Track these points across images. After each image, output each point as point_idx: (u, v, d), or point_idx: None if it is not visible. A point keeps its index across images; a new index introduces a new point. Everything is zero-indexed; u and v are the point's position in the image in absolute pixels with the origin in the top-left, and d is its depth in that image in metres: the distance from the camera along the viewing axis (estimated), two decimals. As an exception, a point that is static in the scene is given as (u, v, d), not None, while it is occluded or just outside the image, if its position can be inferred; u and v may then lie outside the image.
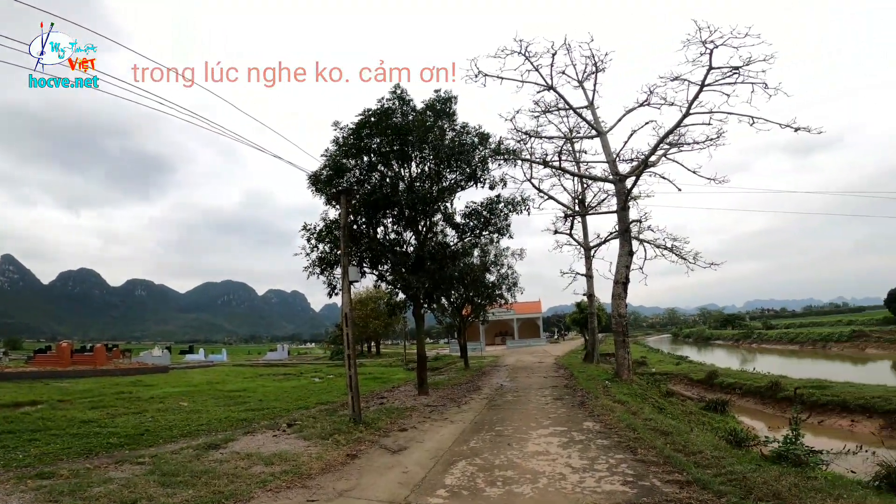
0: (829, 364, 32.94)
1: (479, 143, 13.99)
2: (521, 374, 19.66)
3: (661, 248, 21.39)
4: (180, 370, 30.44)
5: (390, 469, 6.16)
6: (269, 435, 8.46)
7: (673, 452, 5.67)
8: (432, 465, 6.17)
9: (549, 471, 5.52)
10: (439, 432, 8.31)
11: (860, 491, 4.23)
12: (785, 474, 4.54)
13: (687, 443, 6.20)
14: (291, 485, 5.49)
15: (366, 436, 8.04)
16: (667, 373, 25.71)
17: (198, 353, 50.28)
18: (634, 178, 16.73)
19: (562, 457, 6.10)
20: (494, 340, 58.37)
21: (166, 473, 5.82)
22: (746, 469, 4.75)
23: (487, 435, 7.76)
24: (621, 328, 16.16)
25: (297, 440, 7.94)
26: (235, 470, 6.08)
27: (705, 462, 5.22)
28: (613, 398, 11.07)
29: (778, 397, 18.08)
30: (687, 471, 4.93)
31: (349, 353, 9.16)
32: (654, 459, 5.54)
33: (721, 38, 14.47)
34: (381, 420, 9.56)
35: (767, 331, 61.20)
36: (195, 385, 18.76)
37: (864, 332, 43.10)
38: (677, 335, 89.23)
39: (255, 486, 5.38)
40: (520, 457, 6.24)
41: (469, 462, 6.17)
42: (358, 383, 9.22)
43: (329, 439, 7.79)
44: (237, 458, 6.75)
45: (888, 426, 12.84)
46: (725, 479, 4.62)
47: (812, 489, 4.07)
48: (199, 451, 7.17)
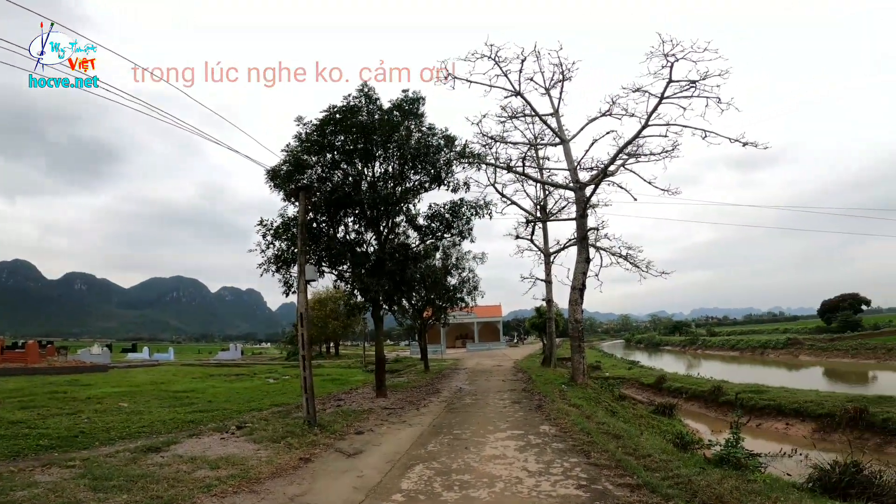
0: (766, 370, 35.03)
1: (444, 146, 13.99)
2: (480, 377, 19.79)
3: (617, 256, 22.13)
4: (122, 369, 28.72)
5: (345, 473, 6.02)
6: (216, 437, 8.10)
7: (624, 456, 5.84)
8: (389, 469, 6.07)
9: (506, 475, 5.55)
10: (397, 435, 8.21)
11: (796, 494, 4.50)
12: (727, 477, 4.77)
13: (637, 446, 6.41)
14: (238, 489, 5.25)
15: (320, 439, 7.83)
16: (620, 377, 26.58)
17: (141, 352, 47.77)
18: (593, 186, 17.24)
19: (518, 460, 6.15)
20: (455, 343, 58.59)
21: (98, 477, 5.46)
22: (692, 472, 4.95)
23: (445, 438, 7.73)
24: (577, 333, 16.58)
25: (246, 443, 7.64)
26: (177, 474, 5.77)
27: (654, 465, 5.41)
28: (569, 402, 11.31)
29: (720, 401, 19.04)
30: (637, 474, 5.08)
31: (304, 354, 8.92)
32: (606, 463, 5.68)
33: (682, 52, 15.09)
34: (337, 423, 9.36)
35: (711, 337, 64.67)
36: (138, 385, 17.73)
37: (798, 340, 46.23)
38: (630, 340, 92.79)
39: (199, 491, 5.11)
40: (477, 461, 6.25)
41: (426, 466, 6.11)
42: (313, 385, 8.98)
43: (281, 442, 7.53)
44: (179, 461, 6.42)
45: (820, 429, 13.73)
46: (673, 482, 4.79)
47: (752, 492, 4.29)
48: (136, 454, 6.78)
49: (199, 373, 25.85)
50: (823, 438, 13.18)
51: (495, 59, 17.33)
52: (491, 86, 17.98)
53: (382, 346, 14.35)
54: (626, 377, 27.09)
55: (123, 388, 16.31)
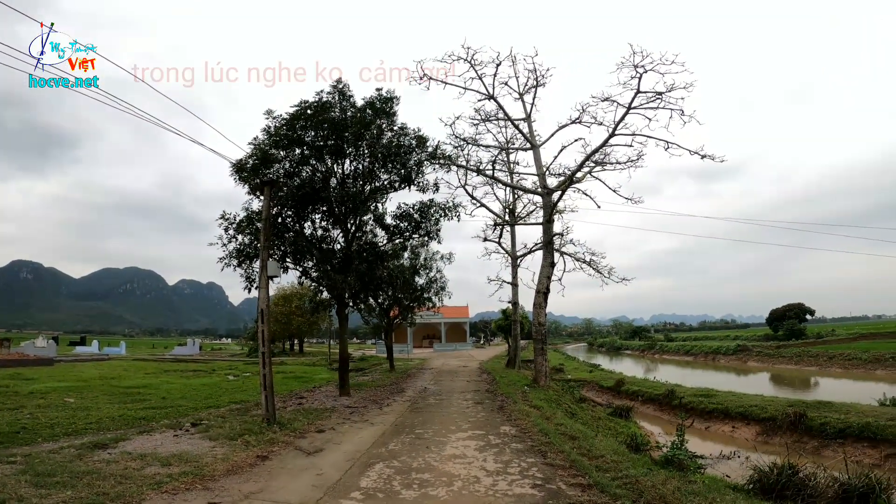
0: (717, 374, 36.61)
1: (416, 146, 14.04)
2: (445, 377, 19.91)
3: (581, 262, 22.72)
4: (68, 363, 27.42)
5: (304, 471, 5.98)
6: (168, 435, 7.91)
7: (578, 457, 6.05)
8: (349, 468, 6.07)
9: (465, 474, 5.65)
10: (358, 434, 8.19)
11: (731, 494, 4.81)
12: (670, 478, 5.04)
13: (591, 447, 6.65)
14: (191, 486, 5.15)
15: (279, 437, 7.73)
16: (581, 380, 27.24)
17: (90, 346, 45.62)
18: (560, 192, 17.64)
19: (478, 460, 6.27)
20: (422, 343, 58.61)
21: (41, 474, 5.26)
22: (639, 473, 5.20)
23: (407, 438, 7.77)
24: (541, 336, 16.93)
25: (201, 440, 7.48)
26: (125, 471, 5.62)
27: (605, 466, 5.64)
28: (530, 403, 11.55)
29: (673, 404, 19.79)
30: (589, 475, 5.29)
31: (264, 351, 8.78)
32: (561, 463, 5.87)
33: (651, 63, 15.59)
34: (298, 421, 9.25)
35: (668, 342, 67.15)
36: (86, 380, 17.02)
37: (748, 347, 48.58)
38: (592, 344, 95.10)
39: (148, 488, 5.00)
40: (437, 460, 6.33)
41: (387, 465, 6.14)
42: (272, 382, 8.85)
43: (238, 440, 7.40)
44: (128, 458, 6.25)
45: (763, 432, 14.47)
46: (622, 482, 5.01)
47: (692, 493, 4.55)
48: (82, 450, 6.58)
49: (154, 368, 24.95)
50: (766, 441, 13.86)
51: (471, 62, 17.51)
52: (466, 88, 18.15)
53: (346, 345, 14.24)
54: (587, 380, 27.78)
55: (70, 383, 15.71)
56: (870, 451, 11.61)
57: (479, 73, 17.82)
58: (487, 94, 18.36)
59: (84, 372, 20.97)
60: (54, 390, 13.81)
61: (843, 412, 13.61)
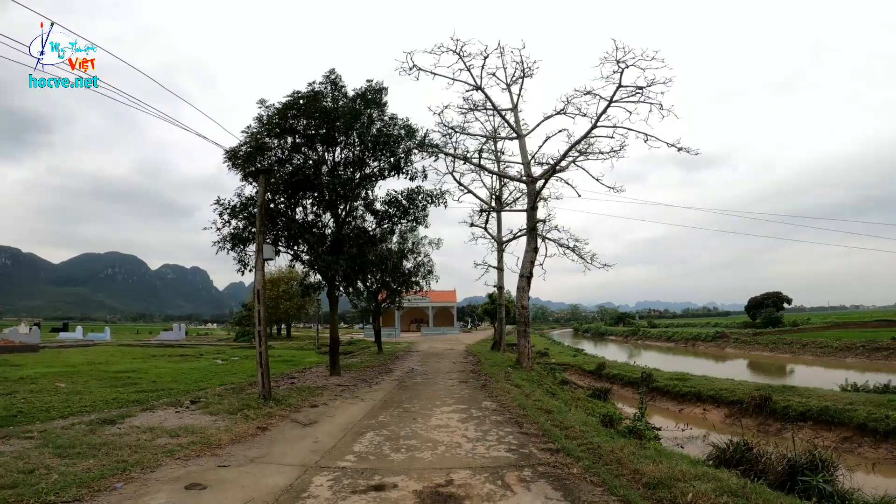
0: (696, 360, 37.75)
1: (405, 136, 14.42)
2: (432, 359, 20.56)
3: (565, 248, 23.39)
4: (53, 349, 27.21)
5: (302, 440, 6.51)
6: (170, 411, 8.31)
7: (551, 427, 6.69)
8: (342, 436, 6.62)
9: (448, 440, 6.25)
10: (350, 409, 8.75)
11: (677, 458, 5.44)
12: (628, 444, 5.69)
13: (564, 420, 7.30)
14: (201, 453, 5.64)
15: (276, 411, 8.25)
16: (565, 363, 28.09)
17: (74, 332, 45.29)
18: (544, 180, 18.17)
19: (460, 429, 6.88)
20: (410, 327, 59.36)
21: (61, 446, 5.67)
22: (602, 440, 5.85)
23: (395, 411, 8.36)
24: (524, 319, 17.60)
25: (202, 416, 7.93)
26: (138, 442, 6.06)
27: (574, 435, 6.28)
28: (512, 382, 12.22)
29: (651, 387, 20.74)
30: (558, 442, 5.93)
31: (259, 330, 9.23)
32: (535, 432, 6.51)
33: (633, 59, 16.02)
34: (292, 397, 9.78)
35: (651, 329, 68.80)
36: (73, 366, 16.96)
37: (726, 334, 49.99)
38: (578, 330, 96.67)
39: (162, 455, 5.47)
40: (423, 429, 6.92)
41: (377, 433, 6.72)
42: (268, 360, 9.33)
43: (238, 414, 7.90)
44: (138, 431, 6.66)
45: (731, 415, 15.29)
46: (585, 448, 5.64)
47: (644, 457, 5.16)
48: (92, 426, 6.93)
49: (140, 353, 24.85)
50: (734, 423, 14.53)
51: (460, 53, 17.79)
52: (454, 79, 18.45)
53: (337, 327, 14.75)
54: (570, 364, 28.62)
55: (58, 369, 15.66)
56: (826, 433, 12.16)
57: (467, 64, 18.12)
58: (475, 84, 18.69)
59: (71, 357, 20.78)
60: (44, 376, 13.65)
61: (805, 396, 14.26)
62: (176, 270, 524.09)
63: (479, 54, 17.82)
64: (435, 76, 18.26)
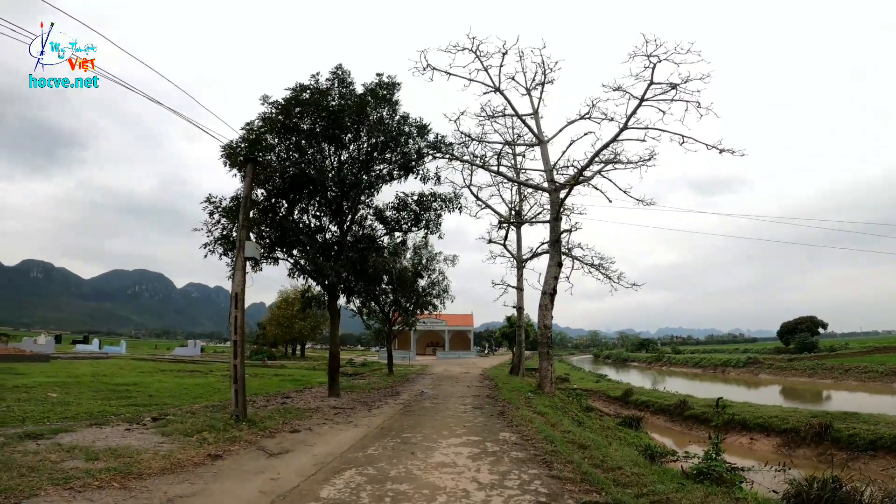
0: (728, 387, 35.29)
1: (417, 135, 13.37)
2: (445, 382, 18.89)
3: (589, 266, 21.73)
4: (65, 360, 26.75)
5: (258, 474, 5.02)
6: (120, 428, 7.10)
7: (591, 468, 5.00)
8: (313, 473, 5.09)
9: (452, 486, 4.62)
10: (337, 436, 7.20)
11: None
12: (711, 494, 4.00)
13: (605, 458, 5.61)
14: (105, 485, 4.32)
15: (244, 435, 6.78)
16: (587, 389, 26.13)
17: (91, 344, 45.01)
18: (568, 188, 16.68)
19: (469, 470, 5.24)
20: (425, 350, 57.67)
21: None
22: (670, 489, 4.15)
23: (392, 441, 6.75)
24: (546, 339, 15.87)
25: (152, 435, 6.63)
26: (38, 463, 4.85)
27: (625, 480, 4.59)
28: (534, 409, 10.53)
29: (685, 415, 18.66)
30: (606, 490, 4.23)
31: (236, 339, 7.85)
32: (570, 476, 4.82)
33: (665, 53, 14.69)
34: (273, 419, 8.29)
35: (676, 355, 65.56)
36: (77, 376, 16.54)
37: (758, 360, 47.04)
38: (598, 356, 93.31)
39: (49, 483, 4.24)
40: (421, 468, 5.31)
41: (359, 472, 5.14)
42: (244, 375, 7.92)
43: (194, 436, 6.49)
44: (57, 450, 5.50)
45: (784, 444, 13.38)
46: (647, 500, 3.98)
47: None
48: (10, 440, 5.84)
49: (150, 367, 24.27)
50: (788, 454, 12.84)
51: (476, 52, 16.69)
52: (470, 80, 17.32)
53: (337, 342, 13.29)
54: (593, 389, 26.66)
55: (60, 379, 15.29)
56: (906, 464, 10.57)
57: (484, 64, 17.01)
58: (493, 86, 17.52)
59: (78, 369, 20.50)
60: (41, 385, 13.38)
61: (871, 423, 12.84)
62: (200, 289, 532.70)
63: (497, 52, 16.68)
64: (450, 76, 17.16)
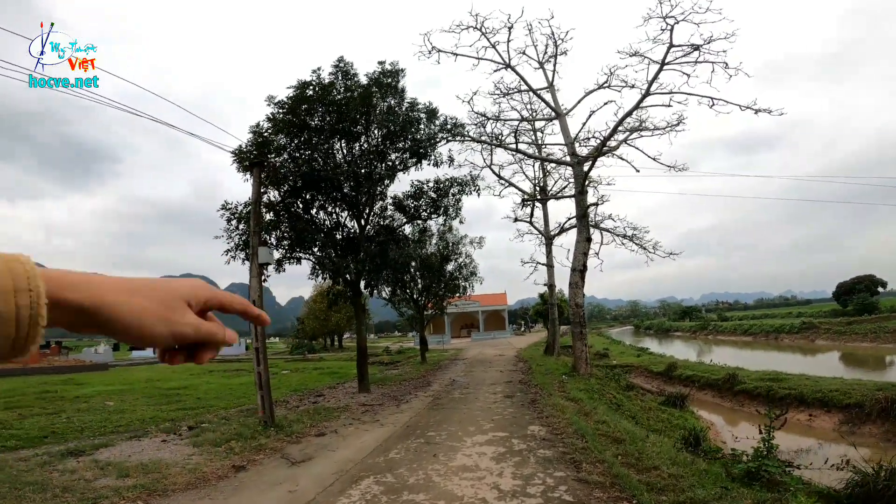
0: (781, 355, 33.50)
1: (427, 119, 12.96)
2: (477, 367, 18.67)
3: (621, 237, 20.87)
4: (122, 367, 28.42)
5: (277, 486, 4.92)
6: (157, 440, 7.22)
7: (623, 469, 4.58)
8: (331, 483, 4.93)
9: (471, 494, 4.34)
10: (360, 439, 7.05)
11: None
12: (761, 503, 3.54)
13: (641, 454, 5.18)
14: (132, 502, 4.24)
15: (270, 443, 6.73)
16: (628, 364, 25.34)
17: (146, 350, 47.42)
18: (592, 160, 15.89)
19: (492, 473, 4.94)
20: (460, 333, 57.72)
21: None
22: (711, 495, 3.68)
23: (415, 443, 6.53)
24: (578, 318, 15.32)
25: (185, 447, 6.69)
26: (73, 482, 4.96)
27: (661, 483, 4.15)
28: (567, 395, 10.13)
29: (735, 390, 17.73)
30: (638, 498, 3.84)
31: (258, 347, 7.80)
32: (599, 479, 4.41)
33: (682, 13, 13.75)
34: (301, 422, 8.27)
35: (722, 322, 62.72)
36: (132, 383, 17.66)
37: (814, 324, 44.36)
38: (639, 327, 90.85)
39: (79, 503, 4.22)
40: (442, 473, 5.05)
41: (377, 479, 4.94)
42: (269, 380, 7.88)
43: (222, 447, 6.50)
44: (93, 467, 5.62)
45: (847, 421, 12.42)
46: (686, 511, 3.57)
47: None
48: (52, 458, 6.03)
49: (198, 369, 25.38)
50: (852, 431, 11.88)
51: (481, 29, 15.98)
52: (479, 58, 16.65)
53: (364, 337, 13.22)
54: (634, 365, 25.79)
55: (117, 387, 16.20)
56: None
57: (491, 41, 16.28)
58: (504, 62, 16.78)
59: (133, 375, 21.97)
60: (99, 394, 14.19)
61: None
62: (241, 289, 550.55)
63: (503, 27, 15.90)
64: (457, 57, 16.54)
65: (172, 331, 0.50)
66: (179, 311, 0.51)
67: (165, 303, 0.50)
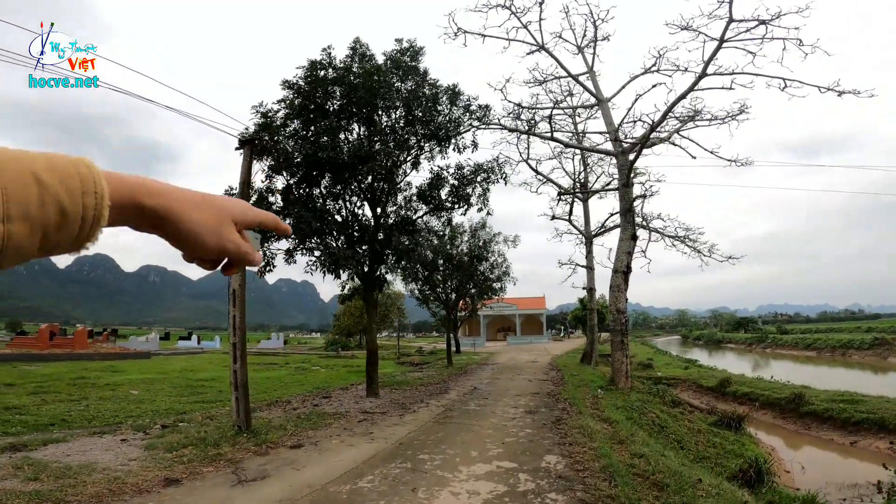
0: (850, 373, 30.03)
1: (450, 102, 11.91)
2: (505, 374, 17.28)
3: (672, 238, 18.90)
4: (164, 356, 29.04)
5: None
6: (118, 439, 6.54)
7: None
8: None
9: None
10: (340, 455, 5.91)
11: None
12: None
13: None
14: None
15: (231, 452, 5.76)
16: (674, 377, 23.14)
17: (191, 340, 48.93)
18: (639, 148, 14.18)
19: (480, 527, 3.69)
20: (497, 336, 56.28)
21: None
22: None
23: (397, 468, 5.29)
24: (620, 326, 13.64)
25: (137, 449, 5.94)
26: None
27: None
28: (600, 414, 8.64)
29: (801, 411, 15.50)
30: None
31: (234, 342, 6.87)
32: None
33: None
34: (282, 429, 7.25)
35: (782, 335, 57.79)
36: (166, 373, 17.89)
37: (887, 340, 39.87)
38: (687, 337, 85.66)
39: None
40: (415, 519, 3.85)
41: (330, 524, 3.80)
42: (246, 380, 6.94)
43: (174, 452, 5.59)
44: (16, 465, 5.10)
45: (938, 453, 10.25)
46: None
47: None
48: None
49: (231, 361, 25.52)
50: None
51: (510, 7, 14.63)
52: (509, 39, 15.29)
53: (375, 337, 12.15)
54: (681, 378, 23.51)
55: (151, 375, 16.46)
56: None
57: (522, 20, 14.91)
58: (537, 44, 15.34)
59: (171, 365, 22.26)
60: (129, 382, 14.34)
61: None
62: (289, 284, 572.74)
63: (535, 4, 14.46)
64: (485, 38, 15.25)
65: (220, 245, 0.55)
66: (227, 227, 0.55)
67: (219, 219, 0.54)
